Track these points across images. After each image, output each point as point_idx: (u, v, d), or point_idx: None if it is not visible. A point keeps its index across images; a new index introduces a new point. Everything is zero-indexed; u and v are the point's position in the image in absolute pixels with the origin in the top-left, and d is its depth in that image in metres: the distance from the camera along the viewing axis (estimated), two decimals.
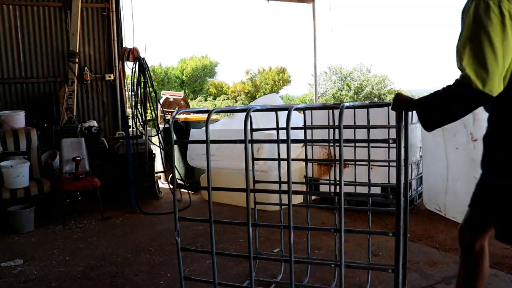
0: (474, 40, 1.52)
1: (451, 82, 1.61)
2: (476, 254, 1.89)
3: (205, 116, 6.65)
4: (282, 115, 3.02)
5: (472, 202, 1.89)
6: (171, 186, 5.54)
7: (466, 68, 1.52)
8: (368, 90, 27.02)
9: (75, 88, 5.94)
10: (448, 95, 1.61)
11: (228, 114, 6.75)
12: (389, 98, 26.68)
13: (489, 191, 1.76)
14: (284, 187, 4.44)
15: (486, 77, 1.48)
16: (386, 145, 4.33)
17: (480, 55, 1.50)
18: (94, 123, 5.90)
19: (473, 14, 1.53)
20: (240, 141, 1.97)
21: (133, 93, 5.69)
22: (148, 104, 5.69)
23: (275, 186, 4.60)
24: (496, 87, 1.49)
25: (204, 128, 4.79)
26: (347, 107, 2.25)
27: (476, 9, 1.53)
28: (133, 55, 6.00)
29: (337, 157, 2.60)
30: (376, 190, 4.42)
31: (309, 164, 4.80)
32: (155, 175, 5.77)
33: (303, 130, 3.17)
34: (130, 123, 5.41)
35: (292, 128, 2.05)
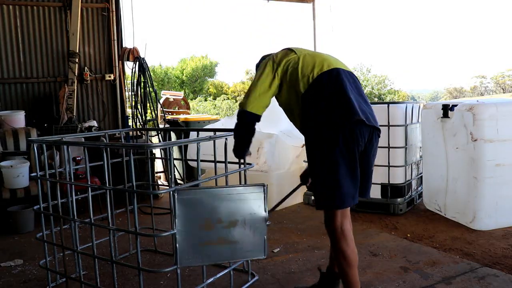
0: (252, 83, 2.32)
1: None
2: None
3: (204, 116, 6.66)
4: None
5: None
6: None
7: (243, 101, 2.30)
8: (368, 90, 27.05)
9: (75, 88, 5.94)
10: (236, 124, 2.36)
11: (228, 114, 6.75)
12: (389, 98, 26.69)
13: None
14: (285, 187, 4.45)
15: (248, 102, 2.26)
16: (386, 145, 4.34)
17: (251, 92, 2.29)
18: (94, 123, 5.90)
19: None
20: None
21: (133, 93, 5.69)
22: (148, 104, 5.69)
23: (276, 186, 4.61)
24: (255, 108, 2.27)
25: (203, 128, 4.79)
26: None
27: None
28: (133, 55, 6.01)
29: None
30: (376, 190, 4.42)
31: None
32: (155, 175, 5.77)
33: None
34: (130, 123, 5.41)
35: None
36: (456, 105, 3.93)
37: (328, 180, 2.18)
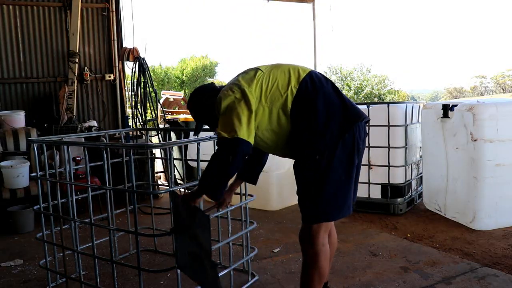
0: (225, 116, 1.99)
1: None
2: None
3: None
4: None
5: None
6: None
7: (219, 132, 1.96)
8: (368, 90, 27.04)
9: (75, 88, 5.94)
10: (213, 158, 2.00)
11: None
12: (389, 98, 26.67)
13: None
14: (285, 187, 4.45)
15: (231, 130, 1.92)
16: (386, 145, 4.34)
17: (228, 122, 1.96)
18: (94, 123, 5.90)
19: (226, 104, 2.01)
20: None
21: (133, 93, 5.69)
22: (148, 104, 5.69)
23: (276, 185, 4.61)
24: (242, 133, 1.92)
25: (204, 128, 4.79)
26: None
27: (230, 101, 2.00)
28: (133, 55, 6.01)
29: None
30: (376, 190, 4.42)
31: None
32: (155, 175, 5.77)
33: None
34: (130, 123, 5.41)
35: None
36: (456, 105, 3.93)
37: (324, 190, 2.00)
